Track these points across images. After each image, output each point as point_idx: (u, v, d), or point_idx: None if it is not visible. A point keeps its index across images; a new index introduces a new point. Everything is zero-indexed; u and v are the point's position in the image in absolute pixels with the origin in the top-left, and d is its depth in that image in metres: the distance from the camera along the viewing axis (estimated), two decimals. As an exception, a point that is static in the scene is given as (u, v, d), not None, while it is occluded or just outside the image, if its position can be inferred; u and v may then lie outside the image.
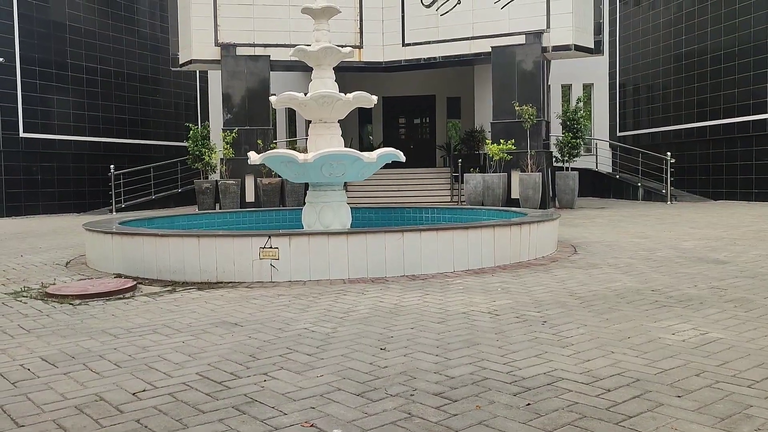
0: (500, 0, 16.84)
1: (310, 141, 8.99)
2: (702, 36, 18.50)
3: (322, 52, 8.74)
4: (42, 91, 18.34)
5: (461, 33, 17.26)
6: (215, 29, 17.29)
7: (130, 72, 21.20)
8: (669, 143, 19.57)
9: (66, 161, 19.10)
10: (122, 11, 20.95)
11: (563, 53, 16.81)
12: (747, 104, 16.83)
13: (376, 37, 18.12)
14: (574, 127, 16.87)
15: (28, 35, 17.94)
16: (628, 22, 22.03)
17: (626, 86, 22.41)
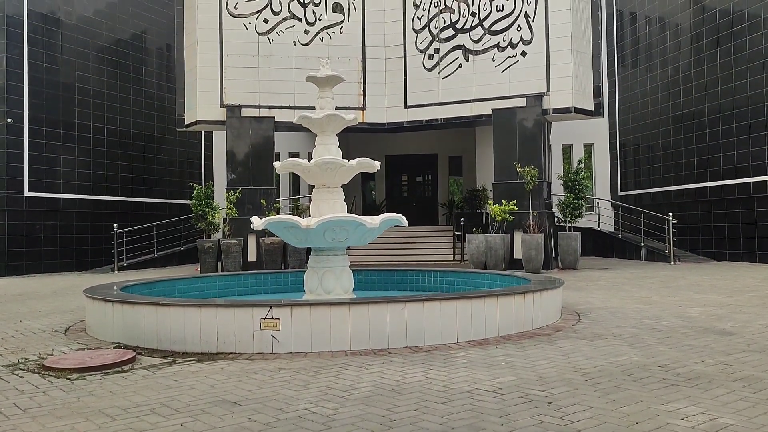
0: (501, 64, 17.18)
1: (313, 206, 9.04)
2: (700, 99, 18.77)
3: (326, 119, 8.87)
4: (49, 151, 18.56)
5: (463, 95, 17.55)
6: (221, 91, 17.61)
7: (136, 131, 21.50)
8: (671, 203, 19.62)
9: (70, 220, 19.17)
10: (130, 72, 21.38)
11: (564, 116, 17.04)
12: (747, 166, 16.95)
13: (380, 99, 18.42)
14: (576, 188, 16.96)
15: (38, 96, 18.27)
16: (627, 84, 22.40)
17: (627, 146, 22.63)
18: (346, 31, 18.26)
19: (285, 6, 17.96)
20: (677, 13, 19.86)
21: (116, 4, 21.02)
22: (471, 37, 17.50)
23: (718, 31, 18.08)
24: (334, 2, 18.23)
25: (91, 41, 20.00)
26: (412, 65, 18.24)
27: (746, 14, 17.08)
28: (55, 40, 18.92)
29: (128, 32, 21.42)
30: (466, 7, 17.60)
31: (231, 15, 17.77)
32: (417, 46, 18.20)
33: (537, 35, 16.84)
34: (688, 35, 19.36)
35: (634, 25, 22.12)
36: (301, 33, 18.02)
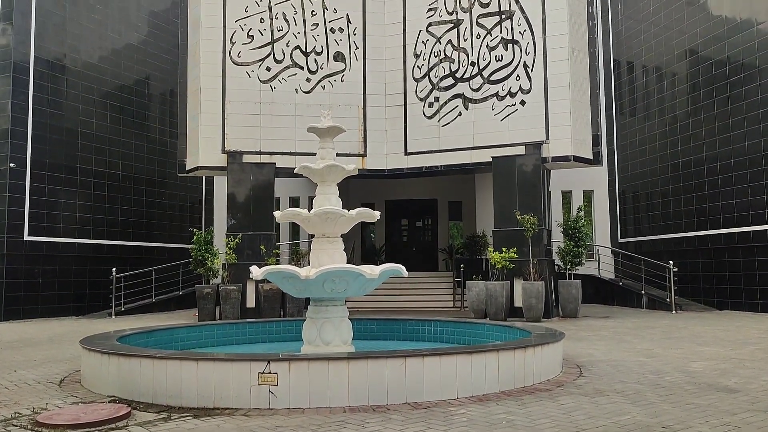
0: (500, 112, 17.37)
1: (313, 255, 9.02)
2: (698, 147, 18.93)
3: (327, 169, 8.92)
4: (50, 195, 18.63)
5: (462, 143, 17.70)
6: (223, 137, 17.76)
7: (137, 176, 21.62)
8: (671, 251, 19.60)
9: (68, 264, 19.13)
10: (133, 117, 21.62)
11: (563, 164, 17.15)
12: (746, 215, 16.99)
13: (380, 146, 18.58)
14: (576, 235, 16.97)
15: (41, 141, 18.43)
16: (626, 132, 22.62)
17: (626, 193, 22.73)
18: (347, 79, 18.52)
19: (287, 55, 18.25)
20: (674, 63, 20.18)
21: (121, 51, 21.38)
22: (470, 86, 17.74)
23: (714, 82, 18.33)
24: (336, 51, 18.54)
25: (95, 87, 20.27)
26: (412, 113, 18.45)
27: (742, 65, 17.35)
28: (60, 86, 19.17)
29: (132, 78, 21.73)
30: (465, 57, 17.89)
31: (234, 63, 18.05)
32: (417, 95, 18.44)
33: (536, 85, 17.07)
34: (685, 85, 19.62)
35: (631, 74, 22.45)
36: (303, 81, 18.27)
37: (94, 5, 20.39)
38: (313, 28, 18.45)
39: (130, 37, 21.67)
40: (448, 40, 18.13)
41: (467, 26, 17.93)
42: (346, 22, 18.62)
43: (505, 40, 17.48)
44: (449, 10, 18.17)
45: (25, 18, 18.22)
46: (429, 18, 18.39)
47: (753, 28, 16.97)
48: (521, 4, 17.40)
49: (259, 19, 18.23)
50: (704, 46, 18.81)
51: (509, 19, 17.48)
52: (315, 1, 18.48)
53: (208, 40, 18.01)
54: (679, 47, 19.85)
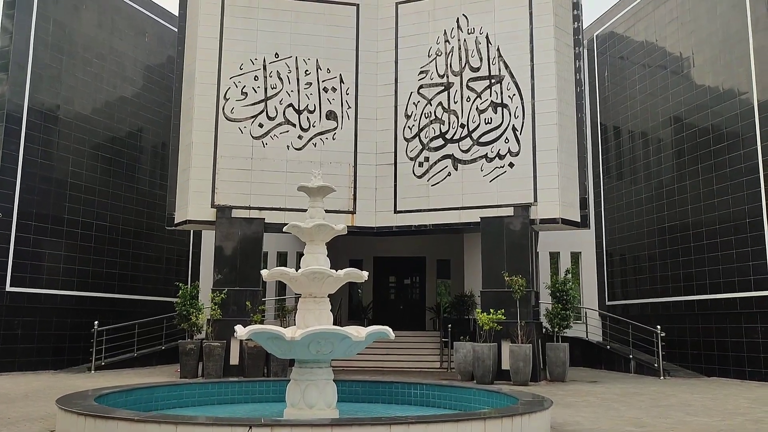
0: (489, 174, 17.56)
1: (299, 315, 8.92)
2: (683, 212, 19.14)
3: (316, 229, 8.91)
4: (35, 246, 18.44)
5: (451, 203, 17.82)
6: (212, 192, 17.79)
7: (125, 227, 21.50)
8: (658, 315, 19.59)
9: (50, 316, 18.79)
10: (124, 169, 21.64)
11: (551, 226, 17.26)
12: (732, 281, 17.06)
13: (369, 203, 18.65)
14: (564, 298, 16.94)
15: (29, 191, 18.36)
16: (613, 195, 22.89)
17: (614, 256, 22.83)
18: (339, 137, 18.73)
19: (280, 112, 18.48)
20: (659, 129, 20.59)
21: (115, 104, 21.56)
22: (460, 147, 17.98)
23: (699, 149, 18.68)
24: (329, 110, 18.80)
25: (87, 138, 20.35)
26: (402, 172, 18.60)
27: (725, 134, 17.72)
28: (52, 137, 19.23)
29: (125, 130, 21.85)
30: (455, 119, 18.18)
31: (227, 119, 18.23)
32: (407, 154, 18.64)
33: (524, 148, 17.33)
34: (671, 151, 19.98)
35: (618, 139, 22.87)
36: (295, 138, 18.45)
37: (91, 59, 20.66)
38: (306, 87, 18.75)
39: (124, 90, 21.90)
40: (438, 102, 18.45)
41: (458, 89, 18.29)
42: (339, 81, 18.94)
43: (495, 103, 17.82)
44: (440, 73, 18.56)
45: (21, 69, 18.40)
46: (420, 80, 18.75)
47: (735, 98, 17.41)
48: (510, 70, 17.81)
49: (253, 76, 18.52)
50: (688, 114, 19.24)
51: (499, 83, 17.86)
52: (309, 61, 18.83)
53: (202, 95, 18.23)
54: (665, 114, 20.29)
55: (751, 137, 16.79)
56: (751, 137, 16.79)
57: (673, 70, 20.05)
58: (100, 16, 21.09)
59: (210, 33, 18.54)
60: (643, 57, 21.46)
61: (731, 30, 17.65)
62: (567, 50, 18.00)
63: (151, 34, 22.96)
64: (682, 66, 19.64)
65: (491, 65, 18.03)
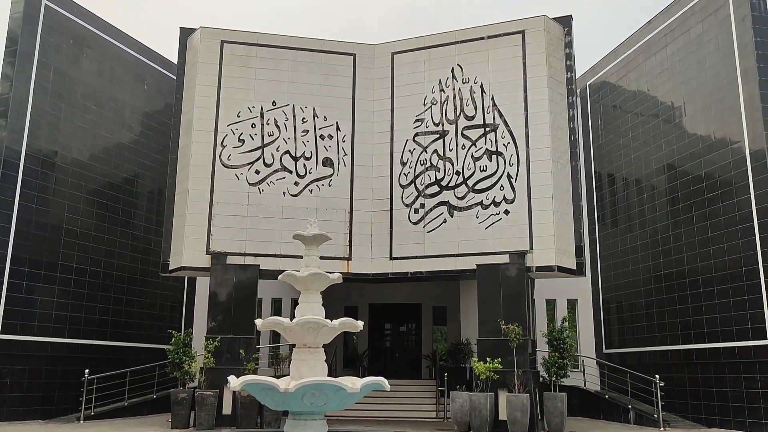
0: (484, 221, 17.61)
1: (293, 366, 8.83)
2: (679, 260, 19.13)
3: (311, 278, 8.90)
4: (27, 292, 18.27)
5: (447, 250, 17.81)
6: (208, 238, 17.77)
7: (119, 273, 21.34)
8: (657, 364, 19.40)
9: (40, 364, 18.48)
10: (119, 215, 21.61)
11: (547, 273, 17.23)
12: (730, 330, 16.96)
13: (365, 249, 18.64)
14: (561, 346, 16.80)
15: (23, 237, 18.27)
16: (608, 242, 22.90)
17: (610, 304, 22.72)
18: (335, 184, 18.82)
19: (277, 159, 18.61)
20: (653, 177, 20.73)
21: (112, 150, 21.65)
22: (455, 194, 18.07)
23: (693, 197, 18.79)
24: (325, 157, 18.93)
25: (83, 184, 20.36)
26: (397, 218, 18.65)
27: (718, 182, 17.85)
28: (48, 183, 19.24)
29: (121, 176, 21.89)
30: (450, 166, 18.32)
31: (224, 165, 18.34)
32: (403, 201, 18.71)
33: (519, 195, 17.43)
34: (665, 198, 20.08)
35: (612, 186, 23.01)
36: (291, 184, 18.53)
37: (90, 106, 20.84)
38: (303, 134, 18.92)
39: (122, 137, 22.04)
40: (434, 150, 18.62)
41: (453, 137, 18.48)
42: (336, 129, 19.14)
43: (490, 151, 17.99)
44: (436, 121, 18.78)
45: (20, 116, 18.52)
46: (416, 128, 18.96)
47: (727, 148, 17.60)
48: (505, 118, 18.04)
49: (250, 124, 18.70)
50: (682, 162, 19.41)
51: (493, 131, 18.07)
52: (306, 108, 19.05)
53: (199, 142, 18.37)
54: (658, 162, 20.47)
55: (744, 186, 16.92)
56: (744, 186, 16.92)
57: (665, 119, 20.31)
58: (101, 65, 21.37)
59: (208, 81, 18.79)
60: (635, 106, 21.78)
61: (721, 81, 17.96)
62: (560, 99, 18.27)
63: (149, 82, 23.24)
64: (674, 115, 19.91)
65: (486, 114, 18.27)
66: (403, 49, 19.72)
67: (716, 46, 18.18)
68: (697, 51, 18.95)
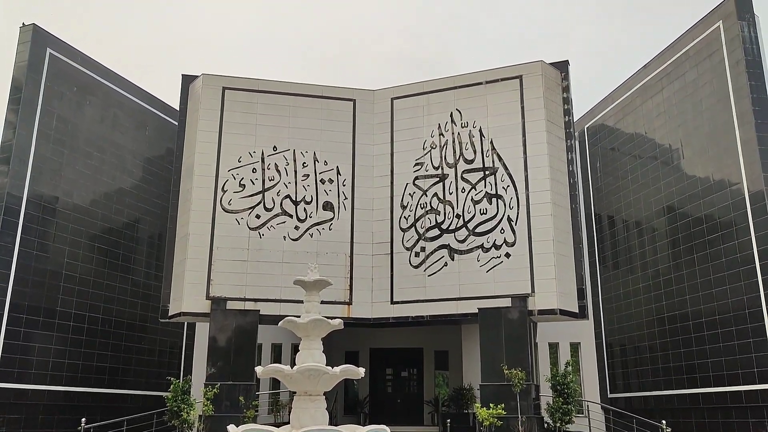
0: (486, 264, 17.56)
1: (293, 415, 8.69)
2: (682, 303, 18.99)
3: (312, 324, 8.82)
4: (25, 339, 18.08)
5: (448, 293, 17.72)
6: (208, 283, 17.69)
7: (118, 319, 21.17)
8: (663, 408, 19.07)
9: (36, 413, 18.18)
10: (119, 260, 21.55)
11: (549, 316, 17.10)
12: (736, 373, 16.73)
13: (366, 294, 18.53)
14: (565, 391, 16.55)
15: (22, 283, 18.18)
16: (609, 285, 22.77)
17: (613, 347, 22.46)
18: (335, 228, 18.82)
19: (278, 203, 18.66)
20: (653, 219, 20.74)
21: (113, 195, 21.72)
22: (456, 237, 18.06)
23: (693, 238, 18.76)
24: (325, 201, 18.98)
25: (84, 230, 20.36)
26: (398, 262, 18.60)
27: (719, 224, 17.85)
28: (49, 229, 19.24)
29: (122, 221, 21.90)
30: (451, 210, 18.36)
31: (224, 210, 18.38)
32: (404, 244, 18.69)
33: (520, 238, 17.42)
34: (665, 240, 20.04)
35: (612, 228, 23.00)
36: (292, 229, 18.54)
37: (92, 152, 20.98)
38: (303, 179, 19.01)
39: (123, 182, 22.13)
40: (434, 193, 18.69)
41: (452, 180, 18.57)
42: (336, 173, 19.24)
43: (489, 194, 18.05)
44: (435, 165, 18.89)
45: (22, 162, 18.62)
46: (416, 172, 19.06)
47: (726, 189, 17.65)
48: (504, 162, 18.16)
49: (251, 169, 18.81)
50: (681, 204, 19.45)
51: (493, 174, 18.16)
52: (306, 153, 19.19)
53: (200, 187, 18.45)
54: (657, 204, 20.50)
55: (744, 227, 16.91)
56: (744, 227, 16.91)
57: (663, 161, 20.43)
58: (103, 111, 21.59)
59: (209, 127, 18.97)
60: (633, 148, 21.93)
61: (718, 124, 18.12)
62: (559, 143, 18.42)
63: (151, 128, 23.44)
64: (672, 157, 20.03)
65: (485, 157, 18.39)
66: (402, 95, 19.97)
67: (711, 89, 18.40)
68: (693, 94, 19.17)
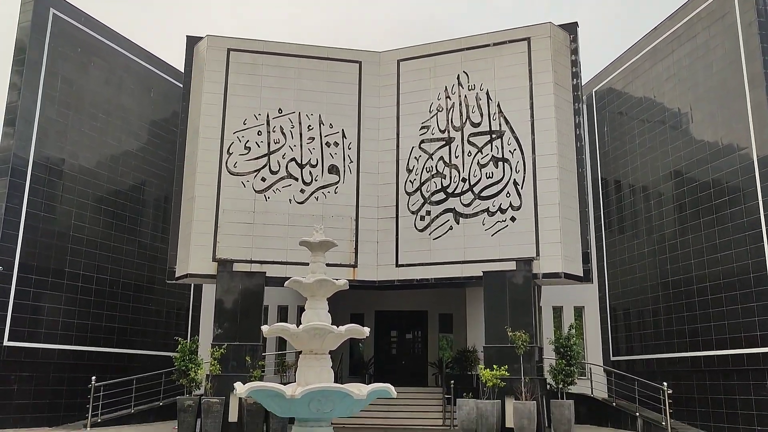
0: (491, 228, 17.58)
1: (299, 373, 8.81)
2: (686, 267, 19.03)
3: (317, 284, 8.89)
4: (34, 299, 18.33)
5: (453, 257, 17.78)
6: (214, 245, 17.79)
7: (125, 281, 21.39)
8: (664, 371, 19.27)
9: (47, 371, 18.54)
10: (126, 222, 21.68)
11: (554, 280, 17.17)
12: (738, 337, 16.85)
13: (371, 257, 18.61)
14: (568, 354, 16.71)
15: (31, 245, 18.35)
16: (614, 249, 22.81)
17: (617, 311, 22.61)
18: (340, 191, 18.82)
19: (283, 166, 18.64)
20: (660, 183, 20.66)
21: (119, 158, 21.75)
22: (461, 201, 18.05)
23: (700, 203, 18.71)
24: (331, 164, 18.95)
25: (91, 192, 20.45)
26: (403, 225, 18.63)
27: (726, 188, 17.77)
28: (55, 191, 19.33)
29: (128, 184, 21.98)
30: (456, 174, 18.30)
31: (230, 173, 18.38)
32: (409, 208, 18.70)
33: (525, 202, 17.40)
34: (672, 205, 20.00)
35: (619, 193, 22.94)
36: (297, 192, 18.56)
37: (97, 114, 20.94)
38: (309, 142, 18.96)
39: (129, 144, 22.14)
40: (440, 157, 18.62)
41: (459, 144, 18.48)
42: (342, 136, 19.16)
43: (496, 158, 17.98)
44: (441, 128, 18.79)
45: (28, 124, 18.63)
46: (422, 135, 18.97)
47: (735, 154, 17.53)
48: (511, 125, 18.03)
49: (256, 131, 18.75)
50: (689, 169, 19.34)
51: (499, 138, 18.06)
52: (312, 116, 19.09)
53: (205, 150, 18.42)
54: (665, 168, 20.40)
55: (752, 192, 16.83)
56: (752, 192, 16.83)
57: (672, 125, 20.26)
58: (108, 73, 21.49)
59: (214, 89, 18.86)
60: (642, 112, 21.74)
61: (728, 87, 17.91)
62: (566, 106, 18.26)
63: (156, 90, 23.34)
64: (680, 121, 19.86)
65: (492, 121, 18.27)
66: (408, 57, 19.75)
67: (723, 51, 18.14)
68: (704, 57, 18.91)
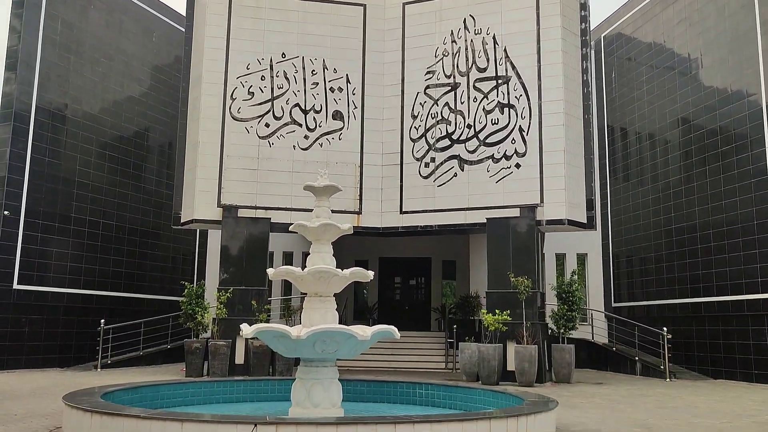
0: (495, 174, 17.53)
1: (305, 314, 8.94)
2: (690, 214, 19.05)
3: (322, 228, 8.92)
4: (42, 244, 18.52)
5: (457, 204, 17.78)
6: (219, 191, 17.82)
7: (131, 226, 21.57)
8: (665, 317, 19.52)
9: (56, 314, 18.87)
10: (131, 168, 21.72)
11: (557, 227, 17.23)
12: (739, 283, 16.98)
13: (375, 204, 18.63)
14: (570, 299, 16.90)
15: (37, 190, 18.44)
16: (619, 197, 22.81)
17: (620, 258, 22.75)
18: (345, 137, 18.73)
19: (287, 112, 18.50)
20: (666, 130, 20.51)
21: (122, 103, 21.64)
22: (466, 147, 17.95)
23: (706, 150, 18.61)
24: (335, 110, 18.81)
25: (94, 137, 20.42)
26: (408, 172, 18.58)
27: (733, 135, 17.65)
28: (59, 136, 19.31)
29: (132, 129, 21.92)
30: (462, 120, 18.16)
31: (233, 118, 18.26)
32: (414, 155, 18.62)
33: (531, 148, 17.30)
34: (678, 152, 19.90)
35: (625, 140, 22.79)
36: (301, 138, 18.47)
37: (99, 58, 20.74)
38: (312, 87, 18.76)
39: (132, 90, 21.98)
40: (445, 103, 18.43)
41: (464, 89, 18.27)
42: (346, 82, 18.95)
43: (501, 104, 17.80)
44: (447, 73, 18.54)
45: (29, 68, 18.47)
46: (427, 80, 18.74)
47: (744, 100, 17.33)
48: (518, 70, 17.78)
49: (260, 76, 18.54)
50: (696, 115, 19.17)
51: (506, 83, 17.84)
52: (316, 61, 18.85)
53: (209, 95, 18.27)
54: (672, 115, 20.21)
55: (759, 139, 16.72)
56: (759, 139, 16.72)
57: (681, 71, 19.97)
58: (108, 16, 21.17)
59: (217, 33, 18.57)
60: (650, 58, 21.40)
61: (740, 31, 17.58)
62: (574, 51, 17.96)
63: (158, 34, 23.03)
64: (690, 67, 19.57)
65: (498, 66, 18.01)
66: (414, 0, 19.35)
67: (735, -5, 17.74)
68: (716, 0, 18.50)
